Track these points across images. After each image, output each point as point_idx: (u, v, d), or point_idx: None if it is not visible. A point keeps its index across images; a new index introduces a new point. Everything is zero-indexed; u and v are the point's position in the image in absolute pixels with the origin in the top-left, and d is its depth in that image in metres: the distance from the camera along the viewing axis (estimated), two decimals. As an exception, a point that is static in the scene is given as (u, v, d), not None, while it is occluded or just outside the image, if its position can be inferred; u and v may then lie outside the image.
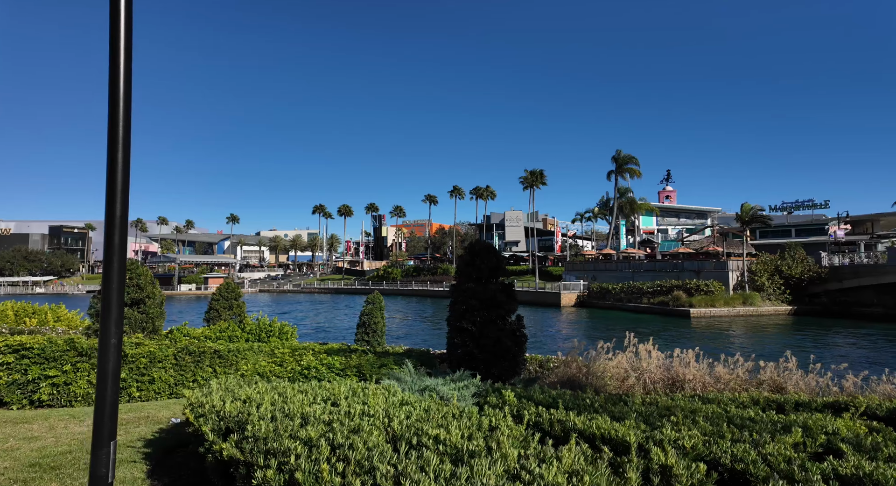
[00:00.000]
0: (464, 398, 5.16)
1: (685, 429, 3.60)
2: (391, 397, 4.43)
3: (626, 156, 58.33)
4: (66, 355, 8.56)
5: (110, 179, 2.30)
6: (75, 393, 8.57)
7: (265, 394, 4.43)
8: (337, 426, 3.14)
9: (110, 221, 2.33)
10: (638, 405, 4.70)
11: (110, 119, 2.30)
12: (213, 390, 5.10)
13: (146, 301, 12.78)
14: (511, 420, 3.47)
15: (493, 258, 9.14)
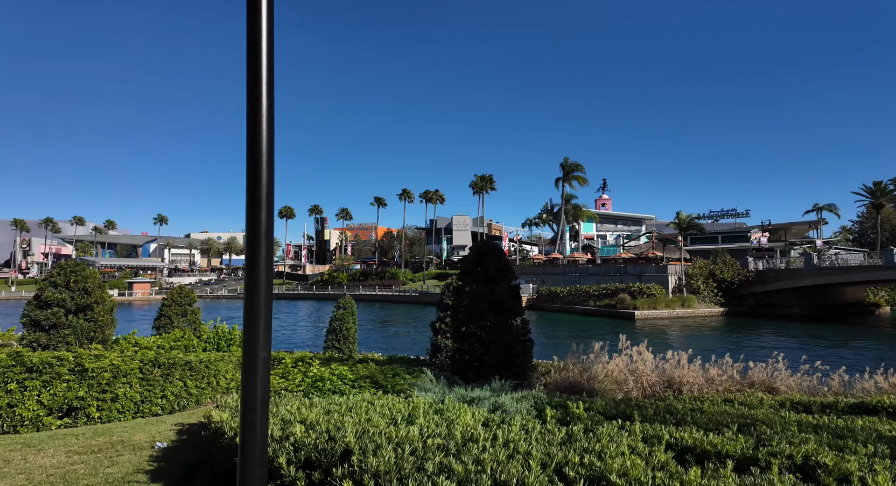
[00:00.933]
0: (525, 411, 4.78)
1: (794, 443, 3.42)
2: (464, 414, 3.97)
3: (573, 164, 60.61)
4: (10, 372, 7.23)
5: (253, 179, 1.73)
6: (21, 417, 7.25)
7: (333, 414, 3.80)
8: (468, 459, 2.66)
9: (255, 226, 1.75)
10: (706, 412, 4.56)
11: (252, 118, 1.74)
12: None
13: (94, 307, 11.22)
14: (641, 444, 3.13)
15: (502, 259, 8.85)
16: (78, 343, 10.87)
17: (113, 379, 8.09)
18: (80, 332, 10.87)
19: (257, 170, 1.79)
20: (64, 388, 7.59)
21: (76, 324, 10.82)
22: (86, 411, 7.84)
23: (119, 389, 8.18)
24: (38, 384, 7.35)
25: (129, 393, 8.30)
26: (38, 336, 10.41)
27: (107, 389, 8.03)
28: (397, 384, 6.73)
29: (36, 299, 10.91)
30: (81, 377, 7.78)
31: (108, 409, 8.05)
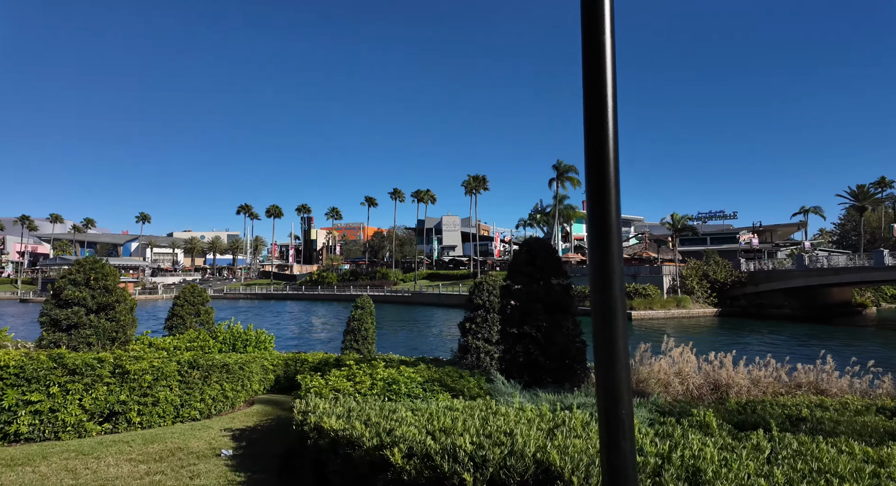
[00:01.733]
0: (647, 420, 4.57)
1: None
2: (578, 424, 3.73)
3: (566, 166, 60.99)
4: (52, 375, 6.76)
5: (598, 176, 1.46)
6: (64, 422, 6.78)
7: (468, 422, 3.50)
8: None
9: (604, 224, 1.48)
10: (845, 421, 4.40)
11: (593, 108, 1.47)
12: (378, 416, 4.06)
13: (115, 306, 10.68)
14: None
15: (555, 257, 8.66)
16: (100, 344, 10.32)
17: (154, 382, 7.66)
18: (102, 332, 10.32)
19: (603, 169, 1.52)
20: (105, 391, 7.14)
21: (98, 324, 10.27)
22: (126, 415, 7.39)
23: (160, 392, 7.75)
24: (80, 388, 6.88)
25: (170, 397, 7.87)
26: (59, 337, 9.84)
27: (147, 392, 7.59)
28: (470, 388, 6.45)
29: (55, 297, 10.32)
30: (122, 380, 7.33)
31: (149, 414, 7.61)
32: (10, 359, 6.59)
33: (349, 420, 3.97)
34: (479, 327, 12.28)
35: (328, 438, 3.90)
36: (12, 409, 6.47)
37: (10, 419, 6.49)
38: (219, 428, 7.56)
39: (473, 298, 12.58)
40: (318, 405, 4.81)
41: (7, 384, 6.52)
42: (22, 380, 6.58)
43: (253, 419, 8.40)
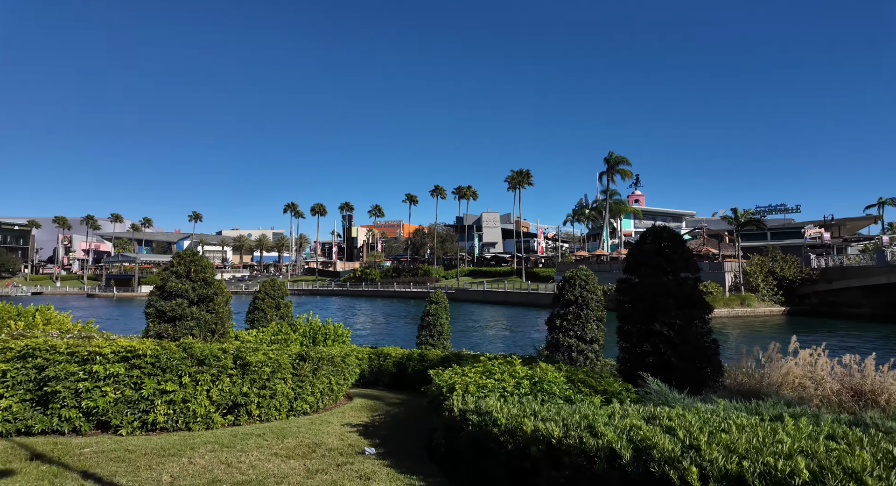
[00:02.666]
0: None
1: None
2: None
3: (618, 157, 58.83)
4: (182, 365, 6.70)
5: None
6: (194, 413, 6.71)
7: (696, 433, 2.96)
8: None
9: None
10: None
11: None
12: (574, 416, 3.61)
13: (214, 298, 10.77)
14: None
15: (685, 248, 7.97)
16: (201, 336, 10.44)
17: (271, 374, 7.53)
18: (203, 324, 10.44)
19: None
20: (229, 383, 7.05)
21: (199, 316, 10.38)
22: (247, 407, 7.27)
23: (277, 385, 7.62)
24: (208, 378, 6.80)
25: (285, 389, 7.73)
26: (164, 327, 10.00)
27: (266, 384, 7.46)
28: (617, 391, 5.92)
29: (159, 289, 10.51)
30: (244, 372, 7.22)
31: (267, 406, 7.48)
32: (146, 348, 6.56)
33: (565, 430, 3.52)
34: (571, 323, 11.70)
35: (516, 442, 3.51)
36: (150, 398, 6.44)
37: (148, 408, 6.46)
38: (338, 423, 7.35)
39: (564, 293, 12.01)
40: (488, 405, 4.41)
41: (144, 373, 6.49)
42: (157, 369, 6.54)
43: (364, 415, 8.15)
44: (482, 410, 4.44)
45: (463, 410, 4.79)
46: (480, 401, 4.65)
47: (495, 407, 4.37)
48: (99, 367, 6.26)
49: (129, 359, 6.50)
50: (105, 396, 6.30)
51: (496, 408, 4.36)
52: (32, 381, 6.24)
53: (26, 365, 6.25)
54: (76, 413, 6.23)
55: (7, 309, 20.51)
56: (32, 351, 6.30)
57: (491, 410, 4.34)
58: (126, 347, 6.57)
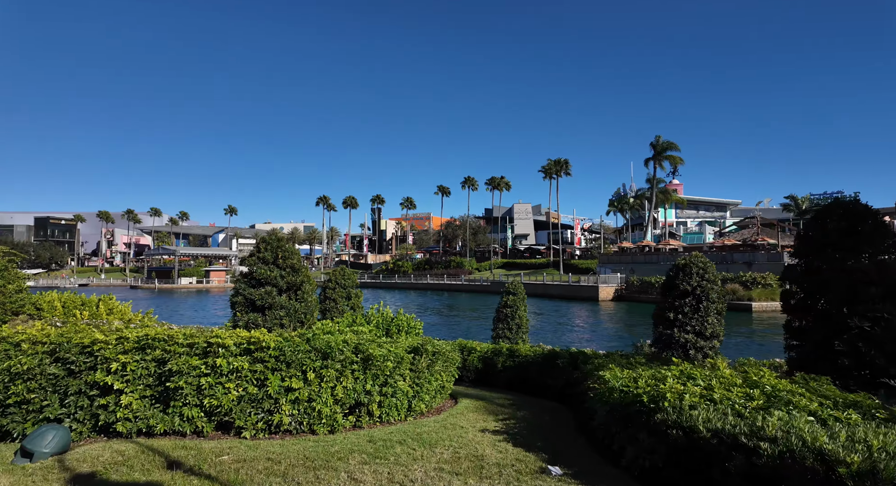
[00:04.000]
0: None
1: None
2: None
3: (665, 142, 56.05)
4: (307, 359, 5.92)
5: None
6: (319, 414, 5.93)
7: None
8: None
9: None
10: None
11: None
12: None
13: (303, 286, 10.08)
14: None
15: (886, 227, 6.71)
16: (291, 326, 9.78)
17: (393, 370, 6.70)
18: (293, 313, 9.76)
19: None
20: (352, 379, 6.25)
21: (288, 305, 9.70)
22: (368, 407, 6.47)
23: (398, 382, 6.79)
24: (333, 374, 6.01)
25: (404, 387, 6.90)
26: (254, 317, 9.36)
27: (387, 381, 6.64)
28: (865, 404, 4.80)
29: (246, 276, 9.87)
30: (366, 367, 6.41)
31: (388, 406, 6.66)
32: (269, 339, 5.79)
33: None
34: (688, 317, 10.47)
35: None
36: (275, 397, 5.68)
37: (273, 407, 5.71)
38: (471, 428, 6.43)
39: (679, 282, 10.78)
40: (799, 428, 3.39)
41: (268, 368, 5.73)
42: (281, 364, 5.78)
43: (489, 419, 7.10)
44: (773, 435, 3.40)
45: (716, 430, 3.77)
46: (763, 421, 3.62)
47: (808, 431, 3.33)
48: (222, 360, 5.53)
49: (251, 352, 5.75)
50: (228, 393, 5.57)
51: (811, 433, 3.31)
52: (152, 375, 5.56)
53: (145, 358, 5.57)
54: (198, 412, 5.53)
55: (72, 299, 20.58)
56: (151, 342, 5.61)
57: (805, 436, 3.30)
58: (248, 338, 5.82)
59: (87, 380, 5.43)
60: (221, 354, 5.58)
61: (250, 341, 5.77)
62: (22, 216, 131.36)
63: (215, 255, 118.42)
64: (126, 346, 5.56)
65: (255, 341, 5.77)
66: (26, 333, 5.79)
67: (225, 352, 5.59)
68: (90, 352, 5.51)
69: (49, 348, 5.59)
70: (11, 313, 17.32)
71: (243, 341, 5.75)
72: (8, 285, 17.09)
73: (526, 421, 6.97)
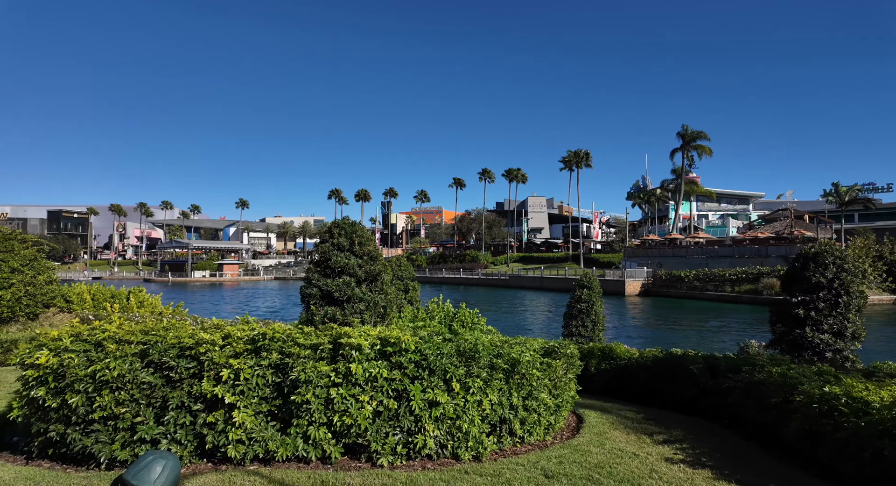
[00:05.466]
0: None
1: None
2: None
3: (694, 132, 54.04)
4: (450, 364, 4.74)
5: None
6: (466, 434, 4.74)
7: None
8: None
9: None
10: None
11: None
12: None
13: (382, 276, 8.92)
14: None
15: None
16: (371, 321, 8.65)
17: (540, 378, 5.51)
18: (373, 306, 8.61)
19: None
20: (497, 391, 5.07)
21: (368, 297, 8.55)
22: (510, 425, 5.28)
23: (542, 392, 5.60)
24: (479, 385, 4.83)
25: (546, 399, 5.70)
26: (332, 311, 8.21)
27: (531, 392, 5.46)
28: None
29: (319, 265, 8.72)
30: (509, 376, 5.23)
31: (529, 423, 5.46)
32: (410, 341, 4.61)
33: None
34: (824, 315, 9.20)
35: None
36: (417, 413, 4.50)
37: (413, 427, 4.53)
38: (648, 456, 5.13)
39: (809, 274, 9.50)
40: None
41: (407, 376, 4.56)
42: (423, 371, 4.61)
43: (649, 442, 5.59)
44: None
45: None
46: None
47: None
48: (357, 366, 4.36)
49: (388, 355, 4.58)
50: (362, 408, 4.40)
51: None
52: (269, 386, 4.40)
53: (261, 363, 4.41)
54: (325, 433, 4.37)
55: (102, 291, 19.60)
56: (268, 343, 4.45)
57: None
58: (383, 337, 4.65)
59: (192, 391, 4.28)
60: (355, 358, 4.40)
61: (386, 341, 4.60)
62: (35, 209, 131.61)
63: (228, 248, 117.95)
64: (236, 347, 4.40)
65: (393, 341, 4.59)
66: (106, 329, 4.66)
67: (358, 355, 4.42)
68: (193, 355, 4.37)
69: (139, 350, 4.45)
70: (42, 305, 16.40)
71: (377, 342, 4.58)
72: (38, 276, 16.16)
73: (694, 443, 5.74)
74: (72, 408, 4.26)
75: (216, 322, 6.60)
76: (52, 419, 4.34)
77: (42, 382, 4.34)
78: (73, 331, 4.76)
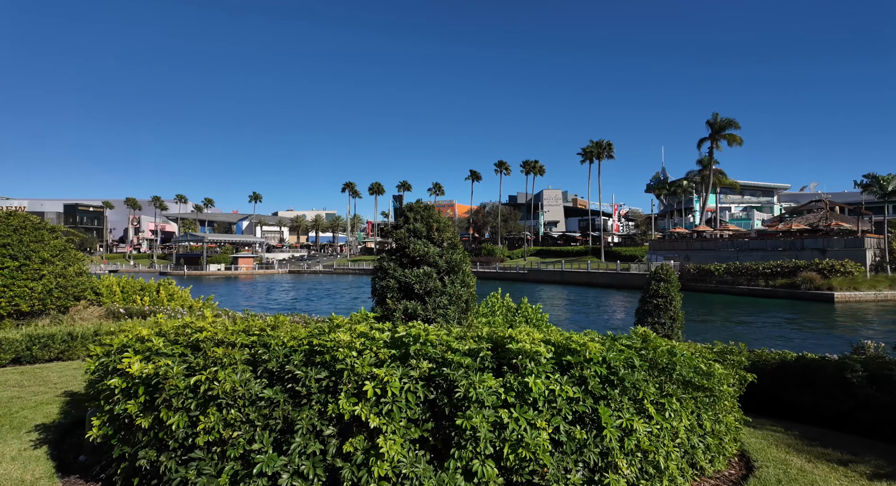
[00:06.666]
0: None
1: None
2: None
3: (724, 120, 52.04)
4: (643, 378, 3.66)
5: None
6: (662, 472, 3.66)
7: None
8: None
9: None
10: None
11: None
12: None
13: (463, 267, 7.88)
14: None
15: None
16: (455, 319, 7.63)
17: (730, 397, 4.42)
18: (457, 300, 7.59)
19: None
20: (691, 416, 3.99)
21: (452, 290, 7.52)
22: (692, 455, 4.17)
23: (731, 415, 4.50)
24: (675, 405, 3.75)
25: (732, 421, 4.59)
26: (413, 306, 7.19)
27: (718, 415, 4.37)
28: None
29: (394, 253, 7.70)
30: (699, 393, 4.15)
31: (713, 451, 4.35)
32: (595, 349, 3.52)
33: None
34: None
35: None
36: (608, 445, 3.43)
37: (602, 462, 3.46)
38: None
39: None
40: None
41: (590, 394, 3.48)
42: (610, 387, 3.54)
43: (857, 477, 4.63)
44: None
45: None
46: None
47: None
48: (534, 381, 3.30)
49: (567, 367, 3.51)
50: (538, 437, 3.34)
51: None
52: (421, 404, 3.35)
53: (410, 374, 3.36)
54: (491, 469, 3.31)
55: (131, 283, 18.78)
56: (421, 347, 3.40)
57: None
58: (557, 342, 3.58)
59: (325, 411, 3.25)
60: (531, 370, 3.35)
61: (564, 347, 3.53)
62: (52, 203, 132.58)
63: (242, 242, 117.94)
64: (380, 354, 3.36)
65: (574, 348, 3.52)
66: (202, 327, 3.64)
67: (535, 367, 3.36)
68: (324, 363, 3.33)
69: (246, 355, 3.42)
70: (73, 297, 15.60)
71: (551, 348, 3.51)
72: (69, 267, 15.33)
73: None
74: (169, 430, 3.26)
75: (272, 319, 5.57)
76: (141, 441, 3.35)
77: (130, 394, 3.34)
78: (158, 329, 3.76)
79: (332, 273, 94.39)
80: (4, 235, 12.08)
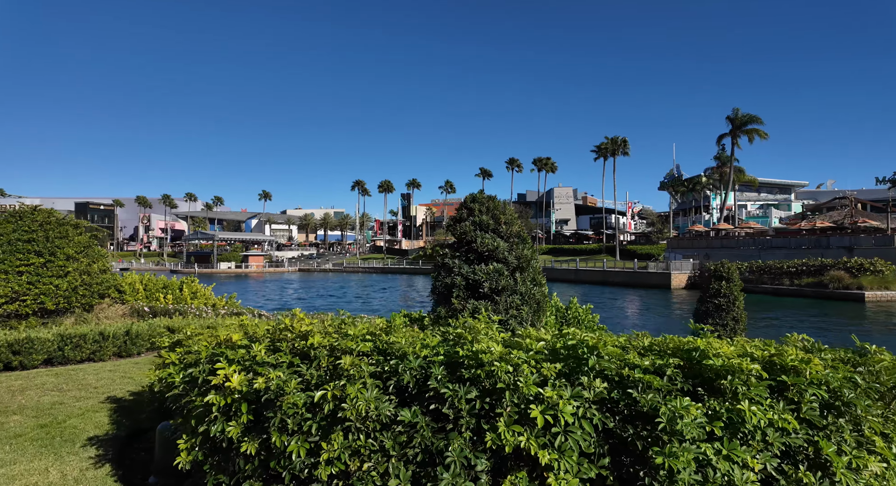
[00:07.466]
0: None
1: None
2: None
3: (746, 115, 50.73)
4: (867, 402, 2.93)
5: None
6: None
7: None
8: None
9: None
10: None
11: None
12: None
13: (533, 264, 7.21)
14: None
15: None
16: (528, 320, 6.95)
17: None
18: (530, 300, 6.91)
19: None
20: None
21: (523, 289, 6.84)
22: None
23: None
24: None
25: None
26: (482, 306, 6.52)
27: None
28: None
29: (458, 248, 7.02)
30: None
31: None
32: (820, 368, 2.78)
33: None
34: None
35: None
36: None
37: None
38: None
39: None
40: None
41: (807, 423, 2.76)
42: (831, 415, 2.81)
43: None
44: None
45: None
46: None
47: None
48: (748, 407, 2.58)
49: (782, 389, 2.79)
50: (747, 477, 2.62)
51: None
52: (595, 435, 2.65)
53: (582, 394, 2.65)
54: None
55: (153, 281, 18.25)
56: (597, 360, 2.69)
57: None
58: (765, 357, 2.87)
59: (483, 440, 2.56)
60: (741, 392, 2.63)
61: (776, 365, 2.82)
62: (63, 202, 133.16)
63: (252, 240, 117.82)
64: (542, 369, 2.65)
65: (788, 364, 2.80)
66: (306, 331, 2.97)
67: (745, 390, 2.64)
68: (475, 379, 2.64)
69: (371, 367, 2.74)
70: (98, 295, 15.07)
71: (755, 364, 2.79)
72: (93, 264, 14.80)
73: None
74: (282, 458, 2.59)
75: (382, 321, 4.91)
76: (244, 470, 2.69)
77: (231, 413, 2.68)
78: (243, 332, 3.10)
79: (341, 272, 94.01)
80: (30, 231, 11.53)
